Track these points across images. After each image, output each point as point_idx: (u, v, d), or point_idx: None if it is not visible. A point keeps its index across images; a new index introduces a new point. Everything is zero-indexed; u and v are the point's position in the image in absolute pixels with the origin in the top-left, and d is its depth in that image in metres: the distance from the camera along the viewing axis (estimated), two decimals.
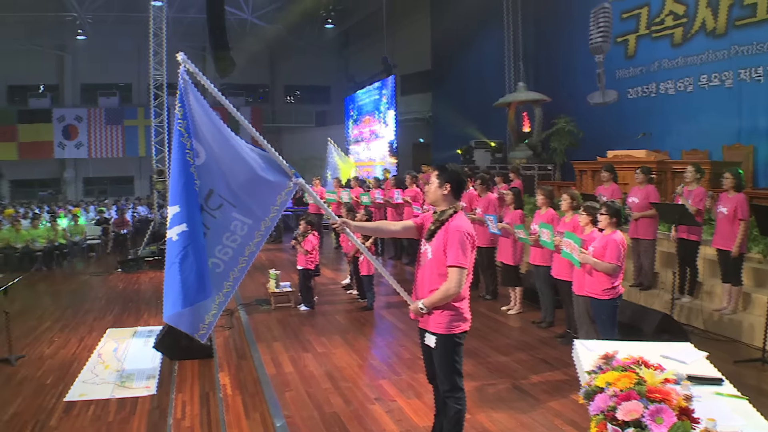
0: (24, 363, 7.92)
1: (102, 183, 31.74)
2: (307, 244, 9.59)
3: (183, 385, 6.76)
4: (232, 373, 6.85)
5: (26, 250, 16.02)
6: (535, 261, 7.97)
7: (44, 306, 11.58)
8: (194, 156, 3.99)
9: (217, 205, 4.08)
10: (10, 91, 30.85)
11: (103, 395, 6.66)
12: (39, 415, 6.19)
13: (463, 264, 3.92)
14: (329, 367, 6.72)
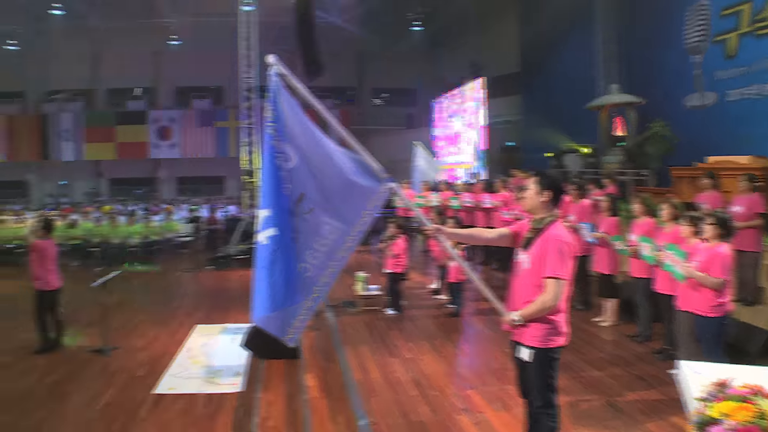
0: (117, 354, 8.19)
1: (194, 182, 32.77)
2: (395, 247, 9.55)
3: (269, 384, 6.79)
4: (318, 375, 6.86)
5: (123, 245, 16.65)
6: (634, 272, 7.59)
7: (138, 300, 11.97)
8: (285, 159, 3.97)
9: (308, 209, 4.04)
10: (109, 94, 32.39)
11: (191, 390, 6.77)
12: (130, 406, 6.35)
13: (561, 275, 3.75)
14: (416, 374, 6.63)
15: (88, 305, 10.53)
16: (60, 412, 6.32)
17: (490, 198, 12.69)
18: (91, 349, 8.36)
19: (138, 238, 16.86)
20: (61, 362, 7.97)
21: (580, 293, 9.36)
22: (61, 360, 8.08)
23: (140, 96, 32.62)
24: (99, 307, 8.57)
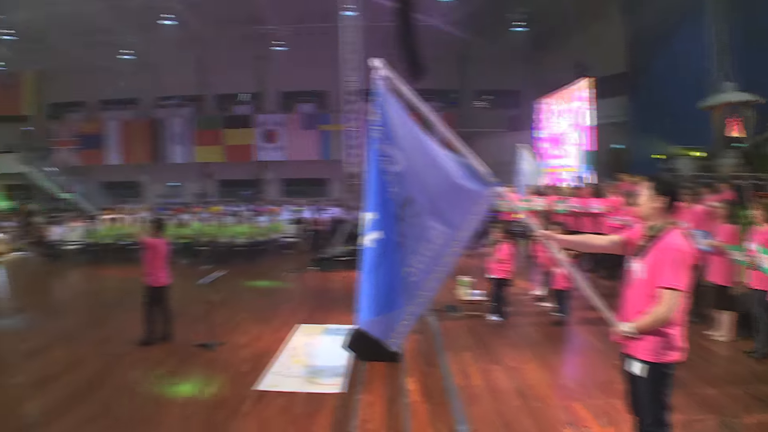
0: (223, 350, 8.45)
1: (299, 184, 33.49)
2: (501, 252, 9.38)
3: (370, 386, 6.79)
4: (419, 379, 6.81)
5: (229, 245, 17.19)
6: (753, 284, 7.09)
7: (244, 298, 12.31)
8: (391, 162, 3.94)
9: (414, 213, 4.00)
10: (217, 100, 33.73)
11: (292, 388, 6.85)
12: (232, 401, 6.51)
13: (677, 286, 3.53)
14: (519, 383, 6.47)
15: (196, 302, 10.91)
16: (166, 403, 6.58)
17: (598, 203, 12.30)
18: (198, 343, 8.66)
19: (244, 238, 17.37)
20: (169, 355, 8.30)
21: (693, 305, 8.88)
22: (169, 353, 8.42)
23: (247, 101, 33.73)
24: (206, 303, 8.86)
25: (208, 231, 18.01)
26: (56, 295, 14.64)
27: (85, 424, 6.08)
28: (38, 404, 6.71)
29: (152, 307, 8.95)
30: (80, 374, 7.68)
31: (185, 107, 33.89)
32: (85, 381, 7.40)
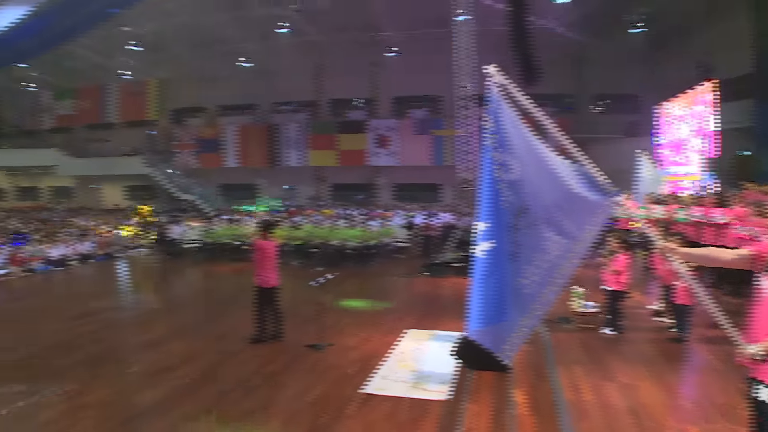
0: (331, 351, 8.57)
1: (411, 189, 33.64)
2: (617, 263, 9.04)
3: (476, 395, 6.68)
4: (527, 391, 6.65)
5: (341, 248, 17.47)
6: None
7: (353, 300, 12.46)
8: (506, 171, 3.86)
9: (529, 223, 3.91)
10: (331, 105, 34.45)
11: (399, 393, 6.85)
12: (338, 402, 6.58)
13: None
14: (633, 402, 6.19)
15: (306, 303, 11.15)
16: (273, 400, 6.74)
17: (722, 213, 11.65)
18: (307, 344, 8.84)
19: (356, 242, 17.60)
20: (279, 354, 8.52)
21: None
22: (279, 352, 8.64)
23: (361, 106, 34.31)
24: (316, 305, 9.04)
25: (320, 234, 18.40)
26: (175, 291, 15.38)
27: (194, 417, 6.33)
28: (153, 394, 7.07)
29: (262, 307, 9.23)
30: (195, 367, 8.03)
31: (301, 112, 34.93)
32: (199, 374, 7.73)
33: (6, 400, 6.98)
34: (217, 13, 26.40)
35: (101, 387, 7.35)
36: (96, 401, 6.89)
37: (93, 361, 8.59)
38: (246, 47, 30.42)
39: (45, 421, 6.35)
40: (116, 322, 11.42)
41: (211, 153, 36.10)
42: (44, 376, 7.90)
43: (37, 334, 10.43)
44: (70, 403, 6.85)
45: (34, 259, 18.72)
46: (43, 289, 16.01)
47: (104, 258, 20.90)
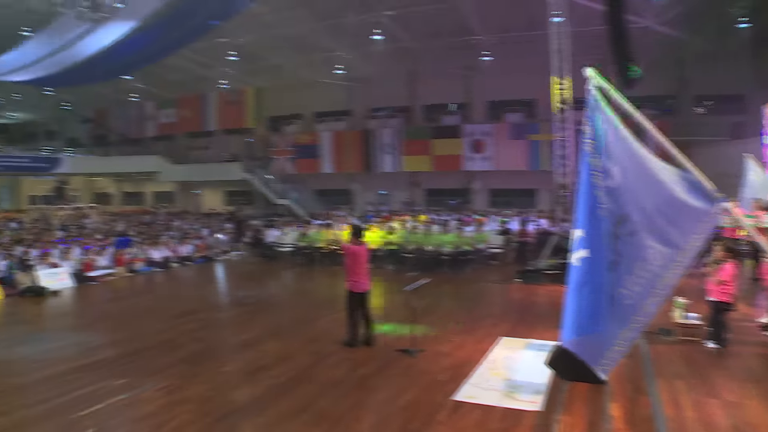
0: (423, 356, 8.61)
1: (506, 195, 33.25)
2: (722, 272, 8.66)
3: (570, 407, 6.54)
4: (624, 405, 6.46)
5: (435, 253, 17.48)
6: None
7: (446, 307, 12.46)
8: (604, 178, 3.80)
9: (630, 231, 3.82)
10: (426, 110, 34.52)
11: (490, 401, 6.81)
12: (429, 408, 6.62)
13: None
14: (738, 421, 5.92)
15: (399, 307, 11.24)
16: (365, 403, 6.86)
17: None
18: (399, 348, 8.91)
19: (450, 248, 17.56)
20: (371, 358, 8.65)
21: None
22: (371, 355, 8.77)
23: (455, 111, 34.18)
24: (409, 310, 9.09)
25: (414, 239, 18.47)
26: (271, 293, 15.75)
27: (288, 416, 6.54)
28: (249, 392, 7.32)
29: (354, 311, 9.35)
30: (289, 367, 8.27)
31: (395, 118, 35.13)
32: (293, 374, 7.95)
33: (109, 392, 7.42)
34: (312, 23, 26.96)
35: (199, 383, 7.69)
36: (194, 397, 7.22)
37: (193, 358, 9.00)
38: (341, 54, 30.88)
39: (144, 415, 6.71)
40: (215, 322, 11.89)
41: (306, 159, 36.87)
42: (146, 371, 8.35)
43: (140, 331, 11.01)
44: (169, 398, 7.21)
45: (137, 261, 19.67)
46: (146, 289, 16.81)
47: (203, 260, 21.68)
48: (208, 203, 43.26)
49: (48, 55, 26.11)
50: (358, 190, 36.74)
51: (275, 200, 36.57)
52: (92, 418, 6.64)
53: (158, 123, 43.82)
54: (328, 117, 37.12)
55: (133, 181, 48.41)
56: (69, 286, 16.63)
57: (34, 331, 11.70)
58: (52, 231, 26.12)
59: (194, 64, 34.55)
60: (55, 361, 9.10)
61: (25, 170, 40.79)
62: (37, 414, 6.89)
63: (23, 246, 19.84)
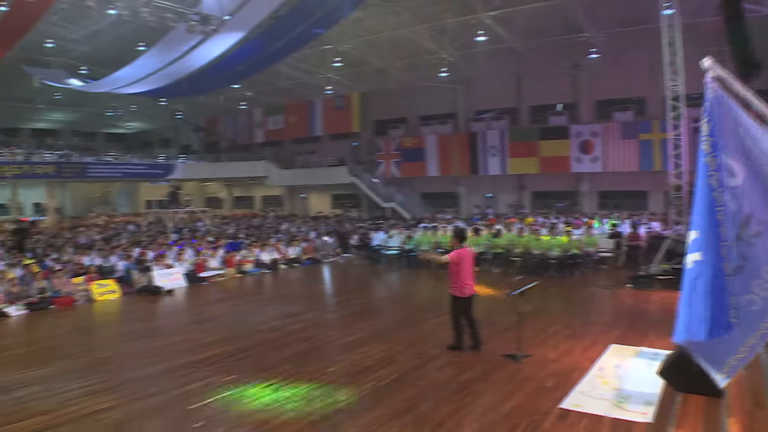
0: (528, 362, 8.47)
1: (615, 197, 32.18)
2: None
3: (683, 420, 6.22)
4: (742, 421, 6.07)
5: (542, 257, 17.18)
6: None
7: (553, 311, 12.21)
8: (724, 177, 3.58)
9: (756, 232, 3.60)
10: (532, 111, 33.88)
11: (598, 411, 6.58)
12: (534, 416, 6.47)
13: None
14: None
15: (505, 311, 11.10)
16: (468, 409, 6.79)
17: None
18: (504, 354, 8.80)
19: (558, 251, 17.19)
20: (476, 362, 8.58)
21: None
22: (476, 360, 8.70)
23: (562, 111, 33.32)
24: (515, 314, 8.95)
25: (521, 242, 18.21)
26: (376, 295, 15.96)
27: (390, 418, 6.58)
28: (351, 393, 7.41)
29: (459, 315, 9.28)
30: (391, 370, 8.33)
31: (500, 120, 34.67)
32: (395, 377, 8.00)
33: (215, 389, 7.70)
34: (414, 26, 27.02)
35: (304, 382, 7.85)
36: (299, 396, 7.37)
37: (298, 357, 9.24)
38: (444, 57, 30.80)
39: (249, 411, 6.96)
40: (321, 323, 12.15)
41: (412, 162, 37.00)
42: (253, 369, 8.66)
43: (248, 330, 11.44)
44: (274, 396, 7.42)
45: (246, 262, 20.33)
46: (254, 290, 17.39)
47: (310, 263, 22.16)
48: (316, 206, 44.23)
49: (161, 68, 27.49)
50: (464, 193, 36.54)
51: (381, 203, 36.98)
52: (202, 412, 6.94)
53: (266, 129, 45.27)
54: (433, 120, 37.11)
55: (242, 185, 50.29)
56: (182, 285, 17.45)
57: (149, 328, 12.39)
58: (167, 234, 27.43)
59: (300, 72, 35.42)
60: (168, 356, 9.62)
61: (142, 176, 43.60)
62: (151, 406, 7.29)
63: (140, 248, 20.94)
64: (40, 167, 36.37)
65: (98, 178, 41.91)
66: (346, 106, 39.66)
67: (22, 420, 6.84)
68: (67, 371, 8.99)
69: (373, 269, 20.54)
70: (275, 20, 24.62)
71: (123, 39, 30.72)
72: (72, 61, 35.13)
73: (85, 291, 15.78)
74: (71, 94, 40.89)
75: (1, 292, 14.52)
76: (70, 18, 28.11)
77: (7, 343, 11.15)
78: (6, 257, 19.41)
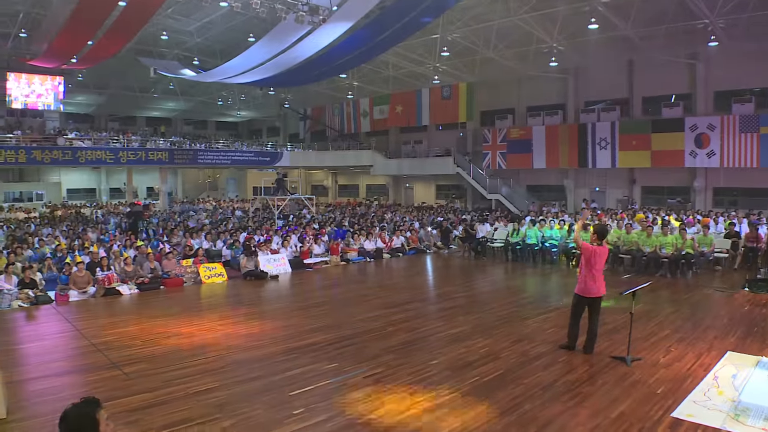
0: (638, 366, 8.17)
1: (732, 194, 30.54)
2: None
3: None
4: None
5: (653, 255, 16.53)
6: None
7: (665, 313, 11.69)
8: None
9: None
10: (644, 102, 32.48)
11: (713, 423, 6.24)
12: (644, 423, 6.23)
13: None
14: None
15: (614, 311, 10.76)
16: (573, 411, 6.62)
17: None
18: (613, 355, 8.53)
19: (670, 250, 16.47)
20: (583, 363, 8.37)
21: None
22: (583, 361, 8.48)
23: (677, 103, 31.75)
24: (625, 315, 8.64)
25: (630, 239, 17.55)
26: (480, 288, 15.80)
27: (492, 416, 6.51)
28: (453, 387, 7.41)
29: (579, 316, 8.94)
30: (495, 366, 8.28)
31: (611, 111, 33.45)
32: (500, 374, 7.93)
33: (318, 375, 7.91)
34: (523, 14, 26.49)
35: (406, 374, 7.92)
36: (400, 387, 7.42)
37: (401, 349, 9.29)
38: (554, 46, 30.01)
39: (351, 400, 7.06)
40: (424, 314, 12.16)
41: (518, 154, 36.39)
42: (355, 358, 8.80)
43: (351, 319, 11.63)
44: (376, 386, 7.51)
45: (350, 250, 20.59)
46: (357, 279, 17.62)
47: (413, 252, 22.21)
48: (420, 197, 44.31)
49: (270, 58, 28.23)
50: (571, 187, 35.61)
51: (486, 195, 36.66)
52: (302, 399, 7.10)
53: (372, 119, 45.67)
54: (541, 111, 36.31)
55: (347, 174, 51.12)
56: (287, 271, 17.90)
57: (253, 312, 12.76)
58: (273, 220, 28.16)
59: (407, 61, 35.49)
60: (271, 342, 9.93)
61: (251, 163, 45.13)
62: (252, 390, 7.53)
63: (247, 233, 21.59)
64: (154, 153, 38.34)
65: (208, 164, 43.86)
66: (452, 96, 39.46)
67: (129, 396, 7.27)
68: (174, 351, 9.47)
69: (477, 262, 20.37)
70: (382, 10, 24.74)
71: (233, 30, 31.96)
72: (185, 53, 36.90)
73: (194, 273, 16.50)
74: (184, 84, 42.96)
75: (116, 271, 15.39)
76: (184, 11, 29.45)
77: (119, 321, 11.90)
78: (120, 238, 20.59)
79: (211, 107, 52.96)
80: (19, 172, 44.62)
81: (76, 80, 41.65)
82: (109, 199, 47.44)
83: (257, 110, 55.07)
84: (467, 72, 36.49)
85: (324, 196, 51.72)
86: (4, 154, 31.67)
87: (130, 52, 34.04)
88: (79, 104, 47.31)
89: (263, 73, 30.84)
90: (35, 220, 31.58)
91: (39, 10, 28.97)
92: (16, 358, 9.13)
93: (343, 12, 23.23)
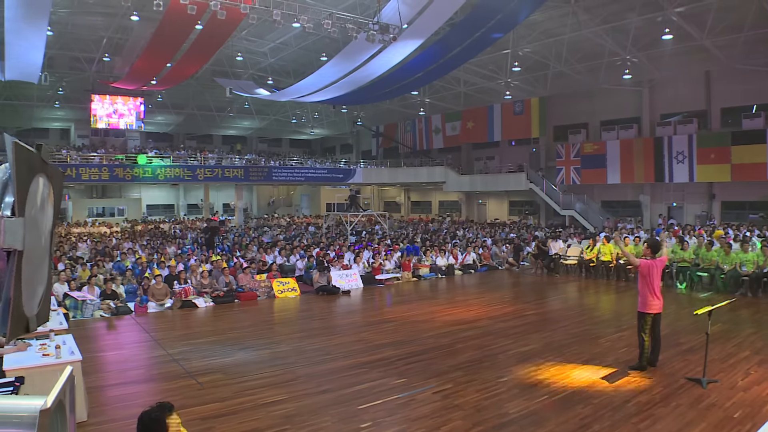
0: (714, 388, 7.85)
1: None
2: None
3: None
4: None
5: (733, 273, 15.94)
6: None
7: (744, 334, 11.22)
8: None
9: None
10: (723, 114, 31.34)
11: None
12: None
13: None
14: None
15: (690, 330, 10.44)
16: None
17: None
18: (688, 377, 8.26)
19: (751, 267, 15.85)
20: (656, 384, 8.10)
21: None
22: (656, 381, 8.20)
23: (758, 113, 30.52)
24: (701, 334, 8.38)
25: (709, 256, 16.98)
26: (552, 306, 15.53)
27: None
28: (521, 406, 7.35)
29: (642, 332, 8.78)
30: (565, 385, 8.13)
31: (688, 123, 32.48)
32: (569, 393, 7.78)
33: (387, 390, 7.94)
34: (594, 27, 26.13)
35: (474, 392, 7.87)
36: (468, 404, 7.42)
37: (469, 365, 9.25)
38: (627, 58, 29.43)
39: (418, 416, 7.07)
40: (494, 331, 12.02)
41: (592, 169, 35.72)
42: (423, 374, 8.80)
43: (420, 335, 11.63)
44: (444, 402, 7.50)
45: (421, 266, 20.60)
46: (429, 295, 17.52)
47: (485, 269, 22.06)
48: (493, 213, 44.03)
49: (342, 77, 28.70)
50: (647, 202, 34.66)
51: (559, 211, 36.15)
52: (369, 413, 7.16)
53: (444, 135, 45.77)
54: (615, 125, 35.58)
55: (420, 190, 51.26)
56: (358, 287, 18.06)
57: (324, 327, 12.99)
58: (346, 236, 28.46)
59: (478, 77, 35.47)
60: (341, 356, 10.07)
61: (324, 180, 45.94)
62: (321, 402, 7.64)
63: (320, 248, 21.90)
64: (230, 171, 39.46)
65: (282, 181, 44.77)
66: (525, 111, 39.20)
67: (202, 404, 7.53)
68: (246, 362, 9.76)
69: (550, 279, 20.07)
70: (452, 27, 24.84)
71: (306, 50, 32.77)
72: (259, 73, 38.00)
73: (267, 287, 16.87)
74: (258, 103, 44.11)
75: (192, 285, 15.88)
76: (258, 32, 30.38)
77: (195, 332, 12.33)
78: (197, 253, 21.22)
79: (286, 125, 54.12)
80: (102, 188, 46.66)
81: (156, 101, 43.61)
82: (187, 214, 49.07)
83: (330, 128, 55.97)
84: (539, 86, 36.17)
85: (396, 212, 52.01)
86: (88, 172, 33.27)
87: (207, 73, 35.31)
88: (158, 123, 49.27)
89: (335, 92, 31.39)
90: (117, 234, 32.97)
91: (121, 35, 30.51)
92: (97, 365, 9.57)
93: (413, 30, 23.46)
